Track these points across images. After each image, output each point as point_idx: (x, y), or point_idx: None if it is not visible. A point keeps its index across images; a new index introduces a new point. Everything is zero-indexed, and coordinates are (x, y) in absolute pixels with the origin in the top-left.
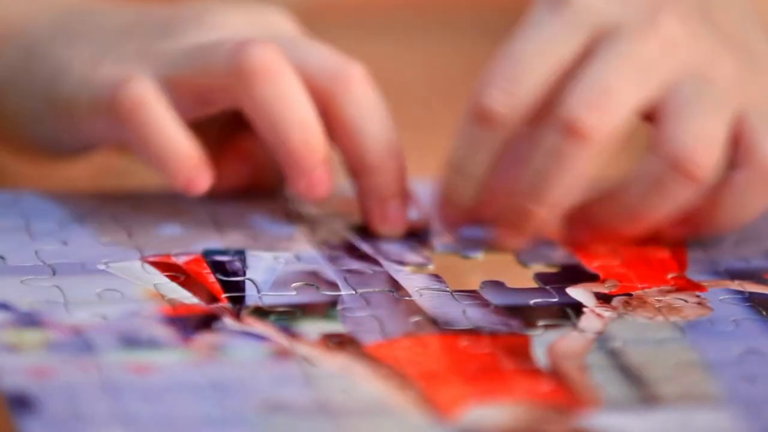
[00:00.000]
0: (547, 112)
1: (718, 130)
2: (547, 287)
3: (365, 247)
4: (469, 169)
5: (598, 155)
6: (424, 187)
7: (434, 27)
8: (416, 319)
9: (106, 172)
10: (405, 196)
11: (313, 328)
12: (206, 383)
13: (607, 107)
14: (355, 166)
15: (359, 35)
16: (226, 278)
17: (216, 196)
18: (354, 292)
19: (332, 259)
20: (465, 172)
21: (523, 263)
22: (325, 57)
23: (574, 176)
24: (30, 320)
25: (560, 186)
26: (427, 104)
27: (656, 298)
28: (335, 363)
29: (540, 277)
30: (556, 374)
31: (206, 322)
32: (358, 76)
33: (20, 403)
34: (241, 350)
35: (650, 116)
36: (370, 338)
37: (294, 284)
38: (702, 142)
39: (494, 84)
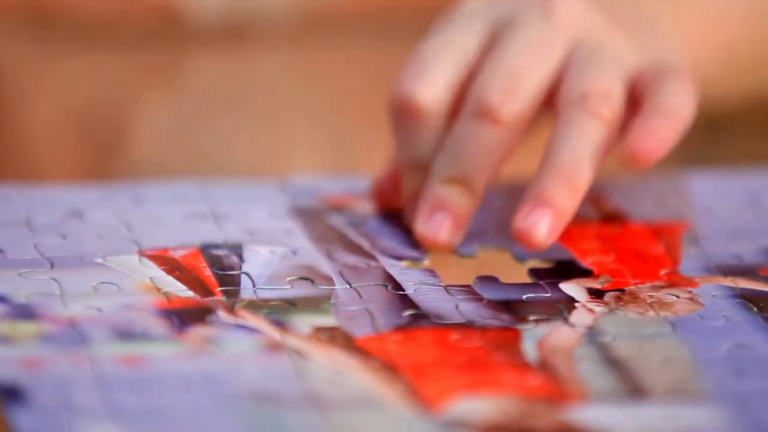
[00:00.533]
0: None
1: (614, 79)
2: (541, 282)
3: (362, 242)
4: (419, 161)
5: (514, 135)
6: None
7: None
8: (409, 313)
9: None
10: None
11: (305, 321)
12: (198, 375)
13: (515, 89)
14: None
15: (355, 40)
16: (222, 272)
17: None
18: (348, 286)
19: (328, 254)
20: (414, 165)
21: (519, 259)
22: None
23: (493, 158)
24: (25, 312)
25: (479, 167)
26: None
27: (648, 294)
28: (326, 356)
29: (534, 272)
30: (544, 368)
31: (200, 315)
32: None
33: (11, 394)
34: (233, 343)
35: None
36: (361, 332)
37: (289, 278)
38: (599, 84)
39: (411, 78)
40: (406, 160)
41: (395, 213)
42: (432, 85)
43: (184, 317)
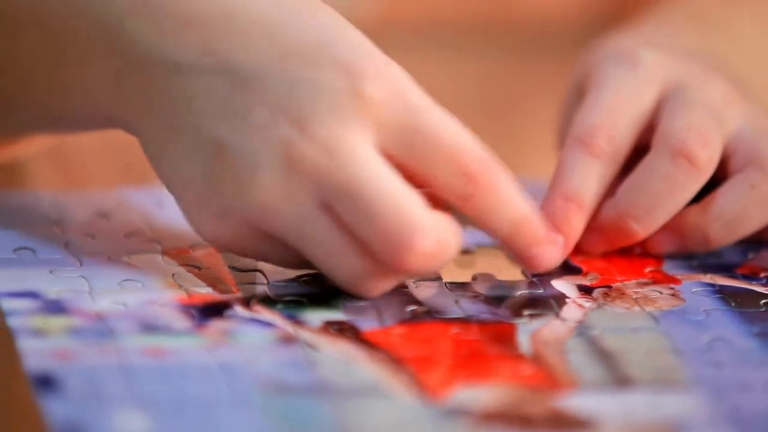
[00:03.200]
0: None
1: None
2: (534, 280)
3: None
4: (584, 198)
5: (702, 183)
6: None
7: (453, 46)
8: (412, 308)
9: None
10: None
11: (316, 315)
12: (216, 366)
13: (707, 139)
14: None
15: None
16: (239, 270)
17: None
18: None
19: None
20: (579, 200)
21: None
22: (443, 167)
23: (681, 203)
24: (56, 307)
25: (669, 212)
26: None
27: (634, 290)
28: (335, 348)
29: (527, 270)
30: (537, 359)
31: (218, 309)
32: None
33: (44, 384)
34: (249, 336)
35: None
36: (368, 325)
37: (301, 276)
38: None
39: (597, 125)
40: (576, 191)
41: None
42: (617, 139)
43: (203, 312)
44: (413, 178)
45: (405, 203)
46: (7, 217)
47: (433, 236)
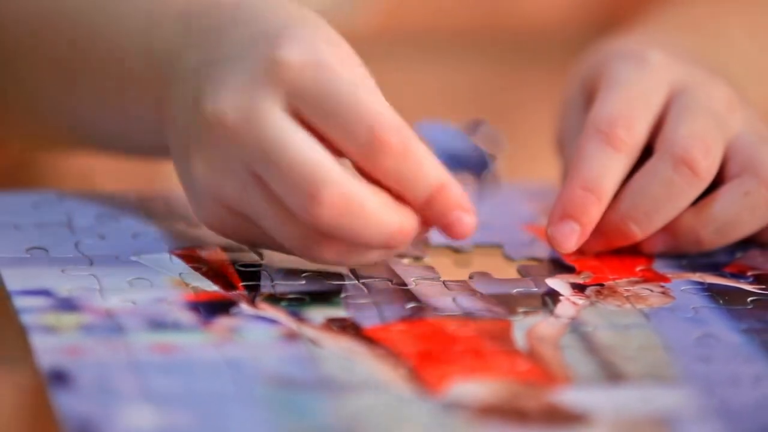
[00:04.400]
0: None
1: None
2: (529, 278)
3: None
4: (603, 189)
5: (701, 190)
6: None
7: (443, 51)
8: (411, 305)
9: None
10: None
11: (319, 313)
12: (222, 361)
13: (710, 148)
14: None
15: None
16: (244, 268)
17: None
18: (357, 282)
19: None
20: (597, 191)
21: (509, 257)
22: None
23: (679, 208)
24: (68, 305)
25: (667, 216)
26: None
27: (625, 288)
28: (338, 344)
29: (522, 269)
30: (533, 355)
31: (224, 307)
32: (392, 151)
33: (56, 378)
34: (254, 332)
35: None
36: (369, 322)
37: (303, 274)
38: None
39: (616, 116)
40: (595, 181)
41: None
42: (636, 132)
43: (210, 309)
44: (331, 145)
45: (313, 157)
46: (21, 217)
47: (339, 188)
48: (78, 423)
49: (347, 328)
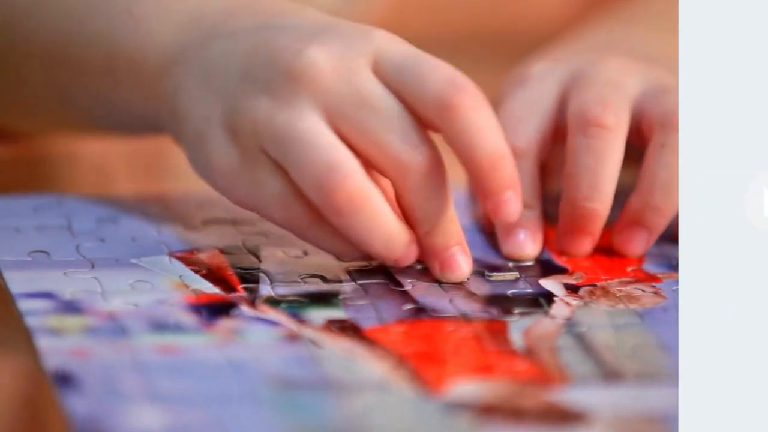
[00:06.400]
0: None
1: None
2: (523, 278)
3: None
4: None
5: (622, 142)
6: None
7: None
8: (409, 306)
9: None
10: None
11: (318, 314)
12: (226, 363)
13: (607, 103)
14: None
15: None
16: (243, 271)
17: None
18: (354, 284)
19: (337, 255)
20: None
21: (504, 259)
22: (431, 83)
23: (615, 164)
24: (71, 308)
25: (610, 177)
26: None
27: (617, 288)
28: (338, 345)
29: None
30: (530, 355)
31: (225, 309)
32: (466, 104)
33: (63, 380)
34: (255, 334)
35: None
36: (368, 323)
37: (302, 276)
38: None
39: (510, 130)
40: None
41: None
42: (528, 135)
43: (211, 311)
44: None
45: (337, 150)
46: (22, 221)
47: (360, 178)
48: (86, 423)
49: (347, 329)
